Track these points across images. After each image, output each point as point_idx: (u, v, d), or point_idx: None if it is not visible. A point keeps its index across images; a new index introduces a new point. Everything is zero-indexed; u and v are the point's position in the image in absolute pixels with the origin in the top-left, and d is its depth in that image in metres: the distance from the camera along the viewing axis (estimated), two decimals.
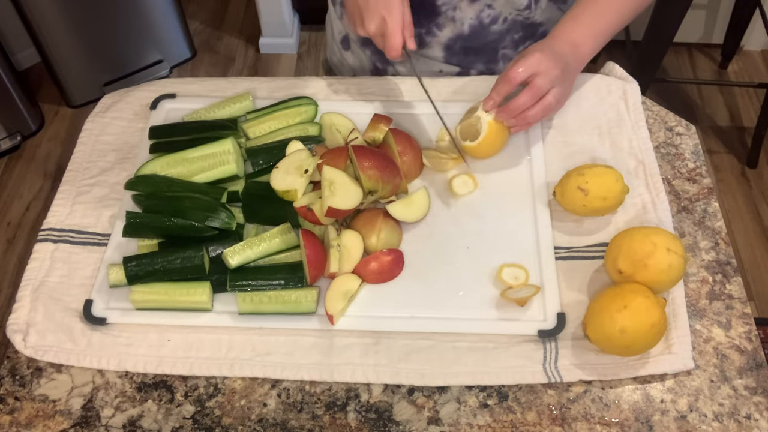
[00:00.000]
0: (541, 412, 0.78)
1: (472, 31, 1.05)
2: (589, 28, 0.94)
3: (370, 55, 1.16)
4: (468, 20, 1.04)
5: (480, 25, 1.05)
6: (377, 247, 0.87)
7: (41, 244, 0.92)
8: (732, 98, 2.50)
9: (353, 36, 1.16)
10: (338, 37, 1.20)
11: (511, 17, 1.04)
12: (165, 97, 1.07)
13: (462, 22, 1.04)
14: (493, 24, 1.05)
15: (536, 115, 0.91)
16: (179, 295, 0.84)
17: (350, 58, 1.20)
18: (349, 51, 1.19)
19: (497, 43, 1.08)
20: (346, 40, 1.19)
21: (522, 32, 1.07)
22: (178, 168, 0.94)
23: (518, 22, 1.05)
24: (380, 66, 1.16)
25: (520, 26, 1.06)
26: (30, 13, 2.20)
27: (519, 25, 1.06)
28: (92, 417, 0.80)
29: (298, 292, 0.84)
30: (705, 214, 0.94)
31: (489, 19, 1.04)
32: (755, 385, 0.80)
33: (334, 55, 1.25)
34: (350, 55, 1.20)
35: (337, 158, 0.91)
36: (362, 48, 1.16)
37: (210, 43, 2.76)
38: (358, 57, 1.18)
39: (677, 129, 1.04)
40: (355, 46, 1.17)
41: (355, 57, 1.19)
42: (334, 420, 0.79)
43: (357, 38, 1.15)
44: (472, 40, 1.07)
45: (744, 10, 2.40)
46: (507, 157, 0.99)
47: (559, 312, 0.84)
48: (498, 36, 1.07)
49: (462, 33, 1.06)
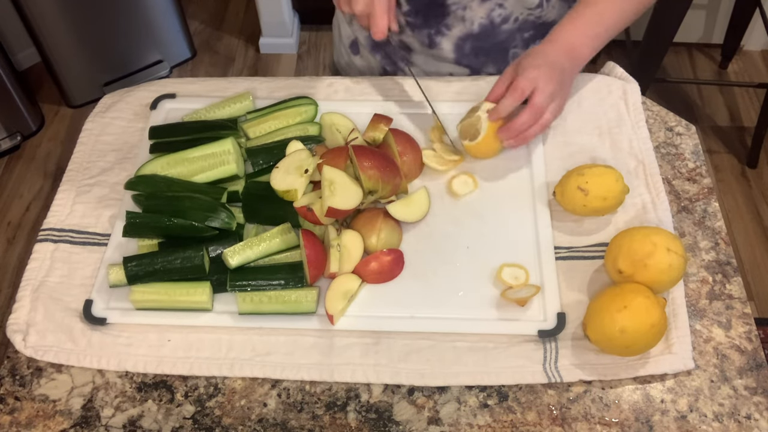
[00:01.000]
0: (541, 412, 0.78)
1: (482, 30, 1.05)
2: (589, 29, 0.94)
3: (380, 60, 1.16)
4: (478, 19, 1.04)
5: (491, 25, 1.04)
6: (377, 247, 0.87)
7: (41, 244, 0.92)
8: (732, 98, 2.50)
9: (362, 41, 1.16)
10: (347, 41, 1.20)
11: (523, 17, 1.04)
12: (165, 97, 1.07)
13: (472, 21, 1.04)
14: (504, 23, 1.04)
15: (535, 133, 0.92)
16: (179, 295, 0.84)
17: (359, 62, 1.20)
18: (358, 55, 1.19)
19: (508, 43, 1.08)
20: (355, 45, 1.19)
21: (533, 31, 1.07)
22: (178, 168, 0.94)
23: (529, 21, 1.05)
24: (389, 69, 1.16)
25: (531, 25, 1.06)
26: (30, 13, 2.20)
27: (530, 24, 1.06)
28: (92, 417, 0.80)
29: (299, 292, 0.84)
30: (705, 214, 0.94)
31: (500, 18, 1.04)
32: (755, 385, 0.80)
33: (342, 58, 1.25)
34: (359, 59, 1.20)
35: (337, 158, 0.91)
36: (372, 52, 1.16)
37: (210, 43, 2.76)
38: (367, 61, 1.18)
39: (677, 129, 1.04)
40: (365, 50, 1.17)
41: (364, 61, 1.19)
42: (334, 420, 0.79)
43: (367, 43, 1.15)
44: (482, 39, 1.06)
45: (744, 10, 2.40)
46: (507, 157, 0.99)
47: (559, 312, 0.84)
48: (508, 35, 1.07)
49: (472, 32, 1.05)
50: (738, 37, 2.52)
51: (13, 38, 2.49)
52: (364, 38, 1.15)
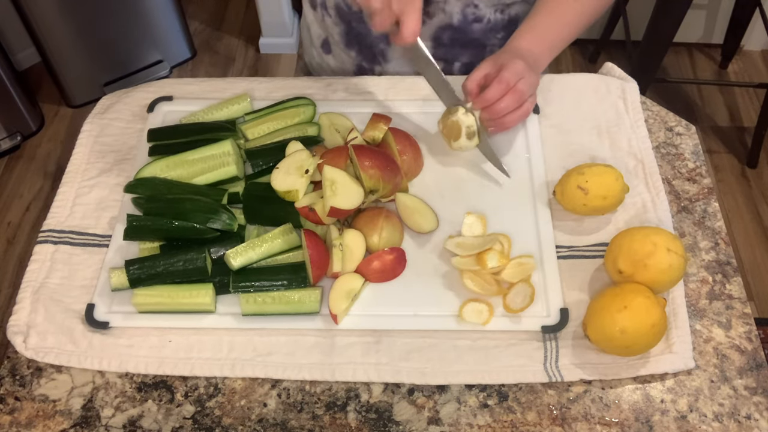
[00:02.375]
0: (541, 412, 0.78)
1: (459, 24, 1.06)
2: (546, 41, 0.97)
3: (355, 56, 1.16)
4: (456, 15, 1.05)
5: (465, 21, 1.06)
6: (379, 246, 0.88)
7: (41, 246, 0.92)
8: (732, 98, 2.50)
9: (336, 38, 1.15)
10: (317, 41, 1.20)
11: (494, 18, 1.06)
12: (162, 100, 1.07)
13: (451, 15, 1.05)
14: (477, 23, 1.06)
15: (514, 120, 0.92)
16: (182, 298, 0.84)
17: (332, 61, 1.20)
18: (331, 54, 1.19)
19: (485, 40, 1.09)
20: (326, 44, 1.18)
21: (503, 32, 1.09)
22: (177, 170, 0.94)
23: (499, 21, 1.07)
24: (366, 66, 1.16)
25: (501, 26, 1.07)
26: (30, 13, 2.20)
27: (500, 25, 1.07)
28: (92, 417, 0.80)
29: (302, 292, 0.85)
30: (705, 214, 0.94)
31: (473, 17, 1.05)
32: (755, 385, 0.80)
33: (313, 59, 1.24)
34: (332, 58, 1.19)
35: (337, 158, 0.91)
36: (347, 49, 1.15)
37: (210, 44, 2.76)
38: (340, 59, 1.18)
39: (677, 129, 1.04)
40: (338, 48, 1.16)
41: (337, 59, 1.18)
42: (334, 420, 0.79)
43: (341, 40, 1.15)
44: (460, 32, 1.08)
45: (744, 10, 2.40)
46: (507, 157, 0.99)
47: (562, 307, 0.84)
48: (482, 34, 1.08)
49: (451, 24, 1.06)
50: (738, 37, 2.52)
51: (13, 38, 2.49)
52: (338, 35, 1.15)
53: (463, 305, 0.84)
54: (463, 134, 0.93)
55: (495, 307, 0.84)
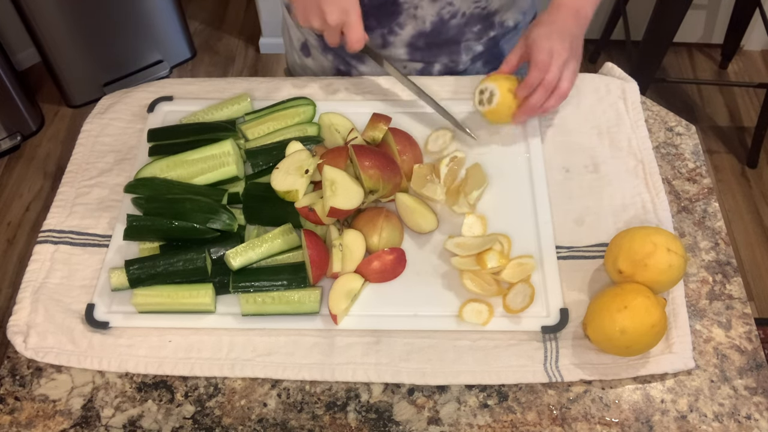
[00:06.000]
0: (541, 412, 0.78)
1: (433, 27, 1.07)
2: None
3: (332, 60, 1.16)
4: (429, 17, 1.05)
5: (440, 21, 1.06)
6: (379, 246, 0.88)
7: (41, 246, 0.92)
8: (732, 98, 2.50)
9: (313, 42, 1.16)
10: (297, 44, 1.21)
11: (470, 11, 1.06)
12: (162, 100, 1.07)
13: (424, 20, 1.05)
14: (453, 19, 1.06)
15: (553, 105, 0.95)
16: (182, 298, 0.84)
17: (311, 64, 1.20)
18: (310, 57, 1.19)
19: (459, 36, 1.10)
20: (305, 47, 1.19)
21: (480, 24, 1.09)
22: (177, 170, 0.94)
23: (476, 14, 1.07)
24: (343, 68, 1.17)
25: (477, 19, 1.08)
26: (30, 13, 2.20)
27: (477, 18, 1.07)
28: (92, 417, 0.80)
29: (301, 292, 0.85)
30: (705, 214, 0.94)
31: (449, 15, 1.05)
32: (755, 386, 0.80)
33: (295, 62, 1.25)
34: (311, 60, 1.20)
35: (337, 158, 0.91)
36: (323, 53, 1.16)
37: (210, 43, 2.76)
38: (319, 62, 1.19)
39: (677, 129, 1.04)
40: (316, 52, 1.17)
41: (317, 62, 1.19)
42: (334, 420, 0.79)
43: (318, 44, 1.15)
44: (434, 36, 1.08)
45: (744, 10, 2.40)
46: (507, 156, 0.99)
47: (562, 308, 0.84)
48: (458, 30, 1.08)
49: (424, 30, 1.07)
50: (738, 37, 2.52)
51: (13, 38, 2.49)
52: (314, 39, 1.15)
53: (463, 305, 0.84)
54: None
55: (495, 307, 0.84)
